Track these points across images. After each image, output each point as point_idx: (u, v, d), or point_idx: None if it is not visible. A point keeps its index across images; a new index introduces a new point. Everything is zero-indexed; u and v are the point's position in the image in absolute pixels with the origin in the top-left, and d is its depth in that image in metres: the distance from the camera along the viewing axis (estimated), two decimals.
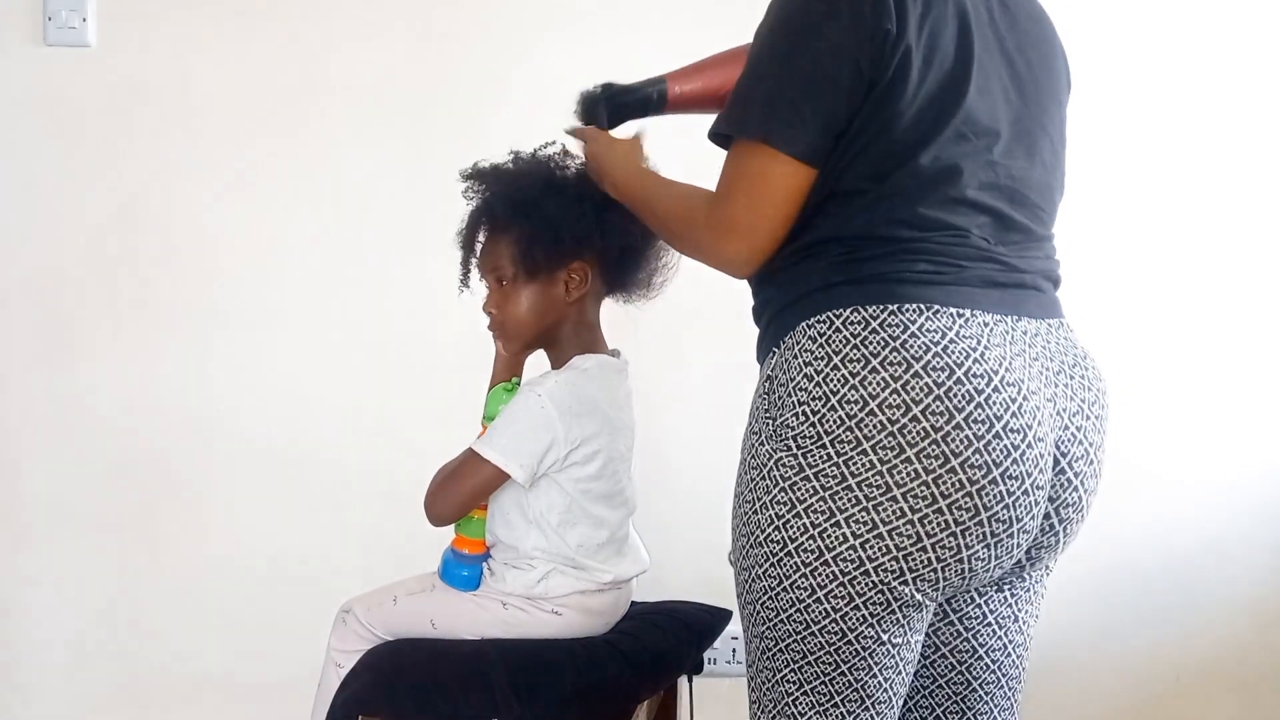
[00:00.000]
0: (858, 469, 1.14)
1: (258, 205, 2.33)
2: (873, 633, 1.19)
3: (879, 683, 1.22)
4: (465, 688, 1.48)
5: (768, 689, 1.26)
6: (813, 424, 1.16)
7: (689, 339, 1.63)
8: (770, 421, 1.21)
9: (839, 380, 1.16)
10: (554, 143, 1.61)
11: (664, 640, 1.64)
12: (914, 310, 1.16)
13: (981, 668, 1.34)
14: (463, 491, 1.53)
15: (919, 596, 1.18)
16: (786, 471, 1.18)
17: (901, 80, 1.16)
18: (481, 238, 1.59)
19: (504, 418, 1.52)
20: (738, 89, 1.24)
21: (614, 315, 1.67)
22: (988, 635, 1.33)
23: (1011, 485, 1.14)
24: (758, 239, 1.22)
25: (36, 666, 2.40)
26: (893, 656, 1.22)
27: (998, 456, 1.13)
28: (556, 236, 1.52)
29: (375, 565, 1.84)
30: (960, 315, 1.17)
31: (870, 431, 1.14)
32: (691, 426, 1.69)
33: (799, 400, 1.18)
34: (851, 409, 1.14)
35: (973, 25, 1.22)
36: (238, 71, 2.30)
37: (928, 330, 1.15)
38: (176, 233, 2.33)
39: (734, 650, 2.32)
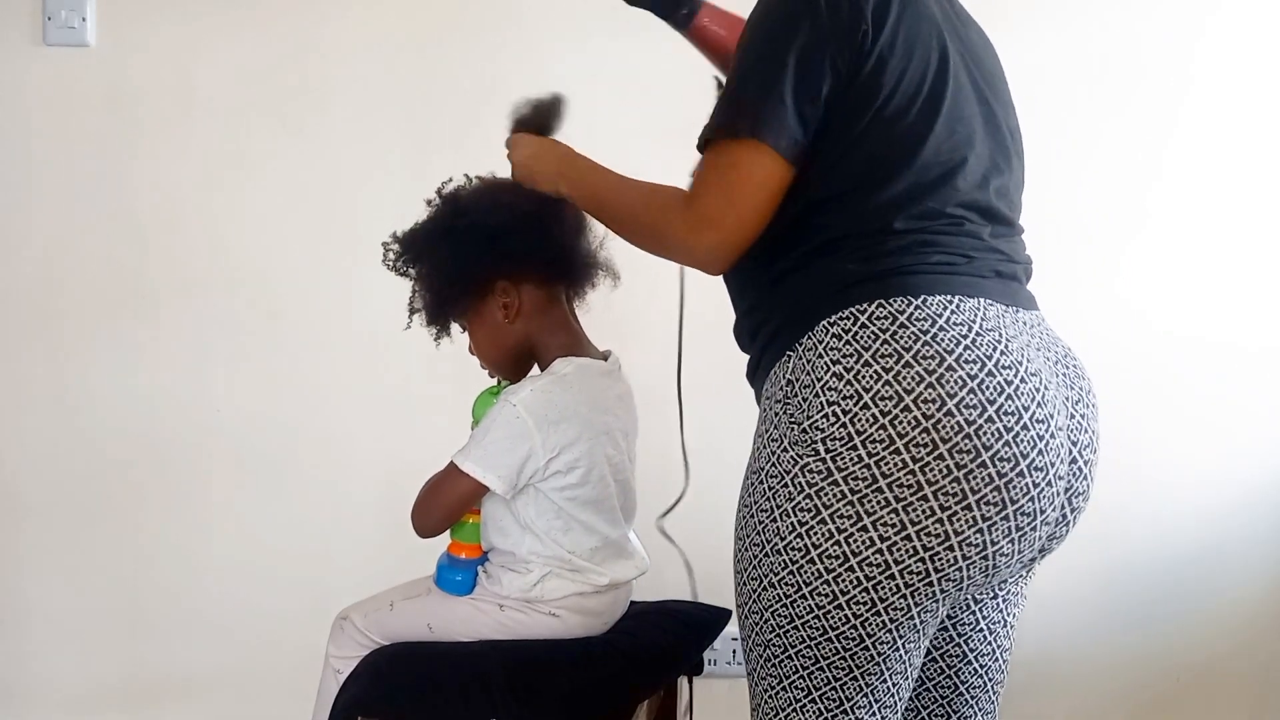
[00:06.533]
0: (889, 469, 1.13)
1: (257, 205, 2.33)
2: (890, 638, 1.18)
3: (888, 687, 1.22)
4: (464, 688, 1.48)
5: (771, 695, 1.25)
6: (844, 424, 1.14)
7: (689, 340, 1.62)
8: (795, 426, 1.19)
9: (871, 376, 1.14)
10: (451, 180, 1.57)
11: (664, 640, 1.63)
12: (938, 303, 1.16)
13: (970, 672, 1.35)
14: (444, 505, 1.53)
15: (941, 597, 1.17)
16: (813, 477, 1.16)
17: (878, 75, 1.18)
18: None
19: (481, 429, 1.51)
20: (722, 94, 1.25)
21: (616, 317, 1.66)
22: (979, 640, 1.34)
23: (1037, 477, 1.14)
24: (730, 232, 1.21)
25: (36, 666, 2.40)
26: (904, 661, 1.21)
27: (1025, 448, 1.13)
28: (450, 280, 1.52)
29: (374, 566, 1.84)
30: (977, 307, 1.18)
31: (904, 429, 1.12)
32: (691, 427, 1.69)
33: (828, 400, 1.16)
34: (886, 405, 1.13)
35: (942, 26, 1.24)
36: (238, 71, 2.31)
37: (955, 323, 1.15)
38: (175, 232, 2.33)
39: (734, 650, 2.32)
